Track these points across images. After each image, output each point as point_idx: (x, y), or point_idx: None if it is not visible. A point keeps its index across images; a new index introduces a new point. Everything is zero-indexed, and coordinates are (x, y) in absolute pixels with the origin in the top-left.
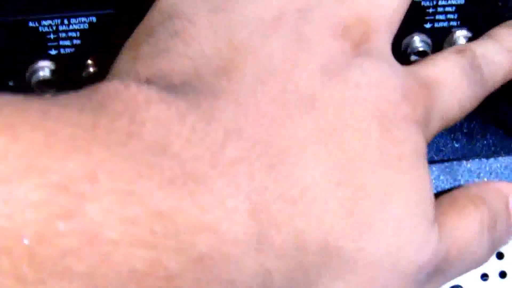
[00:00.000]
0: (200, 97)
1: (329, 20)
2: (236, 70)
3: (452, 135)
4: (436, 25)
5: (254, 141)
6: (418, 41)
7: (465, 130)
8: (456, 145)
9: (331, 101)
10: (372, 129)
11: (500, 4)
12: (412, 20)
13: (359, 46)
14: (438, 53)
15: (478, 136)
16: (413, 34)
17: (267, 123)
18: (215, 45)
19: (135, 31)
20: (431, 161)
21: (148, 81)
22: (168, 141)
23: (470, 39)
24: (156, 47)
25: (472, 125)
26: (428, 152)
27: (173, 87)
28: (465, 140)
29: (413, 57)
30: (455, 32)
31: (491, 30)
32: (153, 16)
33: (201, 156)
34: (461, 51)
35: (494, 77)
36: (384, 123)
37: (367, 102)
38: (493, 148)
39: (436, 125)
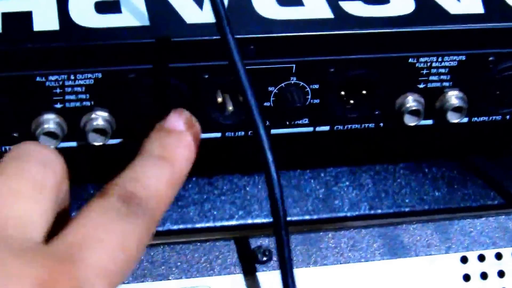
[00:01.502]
0: None
1: None
2: None
3: (434, 184)
4: (429, 85)
5: None
6: (411, 101)
7: (446, 180)
8: (437, 194)
9: None
10: None
11: (491, 66)
12: (406, 80)
13: None
14: (82, 209)
15: (459, 186)
16: (406, 94)
17: None
18: None
19: None
20: (411, 211)
21: None
22: None
23: (462, 99)
24: None
25: (452, 175)
26: (410, 201)
27: None
28: (446, 189)
29: (406, 116)
30: (447, 92)
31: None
32: None
33: None
34: (104, 192)
35: (157, 192)
36: None
37: None
38: (473, 197)
39: (104, 285)
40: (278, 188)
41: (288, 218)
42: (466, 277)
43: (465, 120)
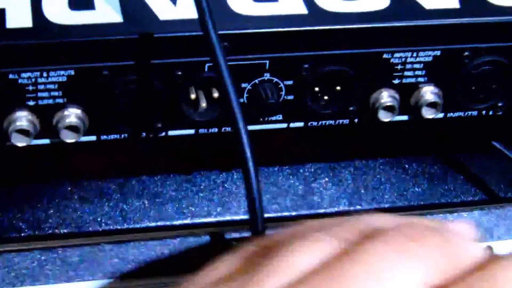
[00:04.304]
0: None
1: None
2: None
3: (414, 180)
4: (404, 80)
5: None
6: (386, 96)
7: (426, 175)
8: (418, 190)
9: None
10: None
11: (466, 61)
12: (381, 76)
13: None
14: None
15: (440, 181)
16: (381, 90)
17: None
18: None
19: None
20: (392, 207)
21: None
22: None
23: (437, 95)
24: None
25: (433, 171)
26: (390, 197)
27: None
28: (426, 185)
29: (381, 112)
30: (422, 87)
31: None
32: None
33: None
34: None
35: None
36: None
37: None
38: (453, 193)
39: None
40: (256, 181)
41: (267, 215)
42: None
43: (441, 115)
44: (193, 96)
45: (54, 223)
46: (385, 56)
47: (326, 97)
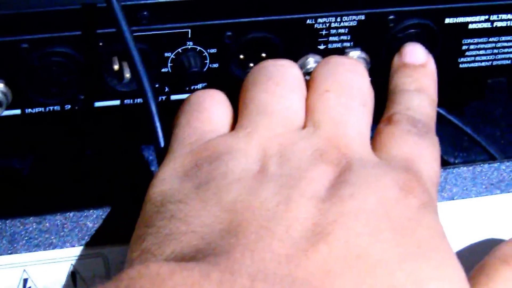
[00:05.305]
0: (216, 258)
1: (306, 152)
2: (239, 227)
3: None
4: (329, 46)
5: (280, 277)
6: (312, 62)
7: None
8: None
9: (334, 222)
10: (384, 232)
11: (391, 25)
12: (306, 42)
13: (340, 164)
14: (379, 134)
15: None
16: (307, 55)
17: (284, 260)
18: (211, 214)
19: (136, 226)
20: None
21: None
22: None
23: (363, 59)
24: (159, 235)
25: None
26: None
27: (188, 258)
28: None
29: (306, 78)
30: (348, 52)
31: (392, 81)
32: (146, 208)
33: None
34: (390, 120)
35: (428, 114)
36: (394, 222)
37: (368, 209)
38: None
39: (435, 192)
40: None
41: None
42: None
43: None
44: (116, 67)
45: None
46: (308, 21)
47: (251, 65)
